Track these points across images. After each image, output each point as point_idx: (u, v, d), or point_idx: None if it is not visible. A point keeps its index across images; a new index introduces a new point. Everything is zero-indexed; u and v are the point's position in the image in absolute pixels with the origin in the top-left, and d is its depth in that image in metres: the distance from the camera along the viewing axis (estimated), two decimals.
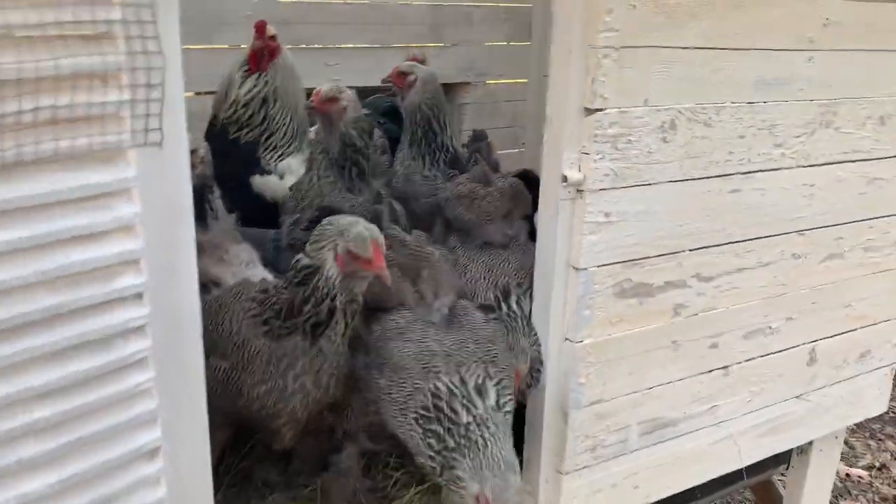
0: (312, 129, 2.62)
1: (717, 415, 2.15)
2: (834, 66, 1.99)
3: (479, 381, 1.64)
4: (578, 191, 1.69)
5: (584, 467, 1.93)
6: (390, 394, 1.68)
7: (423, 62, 2.82)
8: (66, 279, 1.13)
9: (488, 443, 1.56)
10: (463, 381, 1.63)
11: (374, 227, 1.61)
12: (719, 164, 1.87)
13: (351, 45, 3.24)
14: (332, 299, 1.59)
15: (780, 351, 2.22)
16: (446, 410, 1.60)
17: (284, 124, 2.51)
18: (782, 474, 2.76)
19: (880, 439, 4.30)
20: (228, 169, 2.48)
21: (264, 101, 2.49)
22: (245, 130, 2.50)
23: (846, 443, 4.21)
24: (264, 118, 2.48)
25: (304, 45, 3.23)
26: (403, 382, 1.67)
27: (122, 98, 1.11)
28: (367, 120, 2.31)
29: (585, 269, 1.75)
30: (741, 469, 2.53)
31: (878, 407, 2.60)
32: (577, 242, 1.73)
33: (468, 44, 3.55)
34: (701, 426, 2.13)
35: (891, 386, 2.60)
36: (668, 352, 1.97)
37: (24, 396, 1.13)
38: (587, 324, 1.80)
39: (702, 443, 2.15)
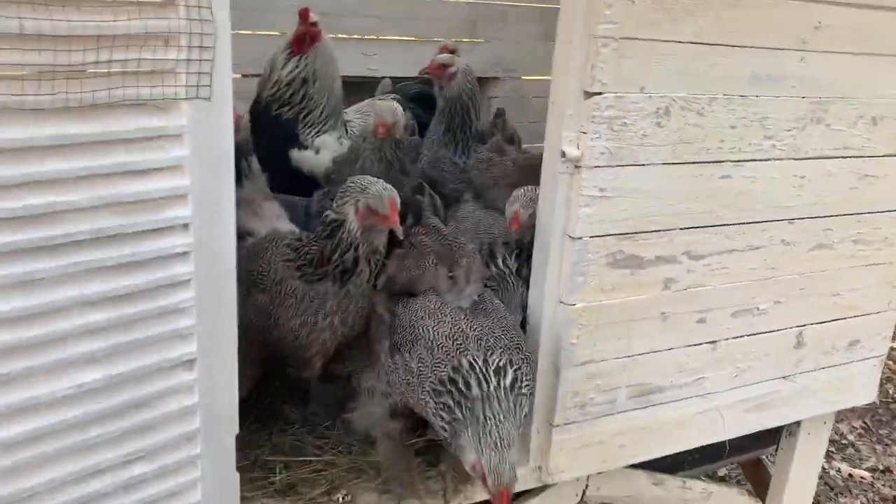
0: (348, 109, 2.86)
1: (704, 386, 2.32)
2: (825, 66, 2.14)
3: (501, 363, 1.77)
4: (576, 166, 1.88)
5: (573, 422, 2.11)
6: (420, 371, 1.80)
7: (454, 53, 3.02)
8: (125, 205, 1.36)
9: (488, 420, 1.67)
10: (486, 361, 1.76)
11: (391, 187, 1.83)
12: (711, 150, 2.04)
13: (388, 37, 3.46)
14: (356, 249, 1.81)
15: (767, 332, 2.37)
16: (461, 384, 1.73)
17: (321, 103, 2.74)
18: (772, 455, 2.90)
19: (887, 444, 4.39)
20: (270, 143, 2.72)
21: (304, 81, 2.72)
22: (286, 108, 2.73)
23: (853, 445, 4.32)
24: (303, 97, 2.71)
25: (344, 36, 3.46)
26: (437, 359, 1.78)
27: (179, 57, 1.34)
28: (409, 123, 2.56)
29: (580, 238, 1.93)
30: (727, 443, 2.70)
31: (867, 396, 2.73)
32: (573, 213, 1.92)
33: (501, 40, 3.75)
34: (687, 396, 2.30)
35: (879, 376, 2.73)
36: (656, 322, 2.14)
37: (83, 302, 1.36)
38: (580, 289, 1.98)
39: (687, 411, 2.31)
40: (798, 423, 2.71)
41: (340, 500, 1.92)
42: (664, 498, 2.57)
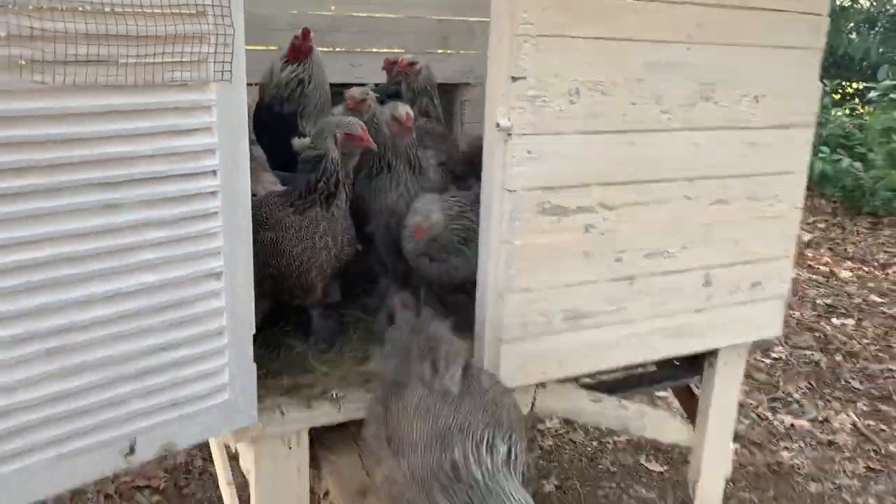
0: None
1: (626, 315, 2.87)
2: (708, 55, 2.72)
3: (490, 442, 1.88)
4: (508, 135, 2.46)
5: (517, 339, 2.67)
6: (412, 471, 1.92)
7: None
8: (175, 155, 1.95)
9: (493, 491, 1.80)
10: (476, 447, 1.87)
11: (356, 119, 2.43)
12: (615, 123, 2.62)
13: (372, 50, 4.06)
14: (336, 174, 2.39)
15: (678, 272, 2.93)
16: (465, 477, 1.84)
17: (315, 100, 3.34)
18: (699, 384, 3.44)
19: (828, 400, 4.93)
20: (275, 134, 3.32)
21: (301, 82, 3.32)
22: (286, 104, 3.33)
23: (797, 402, 4.86)
24: (300, 94, 3.31)
25: (336, 49, 4.06)
26: (424, 460, 1.89)
27: (209, 51, 1.92)
28: None
29: (514, 190, 2.51)
30: (659, 371, 3.25)
31: (773, 330, 3.28)
32: (508, 172, 2.49)
33: (469, 51, 4.35)
34: (613, 321, 2.85)
35: (783, 313, 3.28)
36: (581, 259, 2.71)
37: (146, 223, 1.94)
38: (517, 231, 2.55)
39: (614, 335, 2.86)
40: (715, 354, 3.26)
41: (334, 395, 2.48)
42: (602, 413, 3.12)
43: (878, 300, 6.70)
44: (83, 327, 1.89)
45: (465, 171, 3.27)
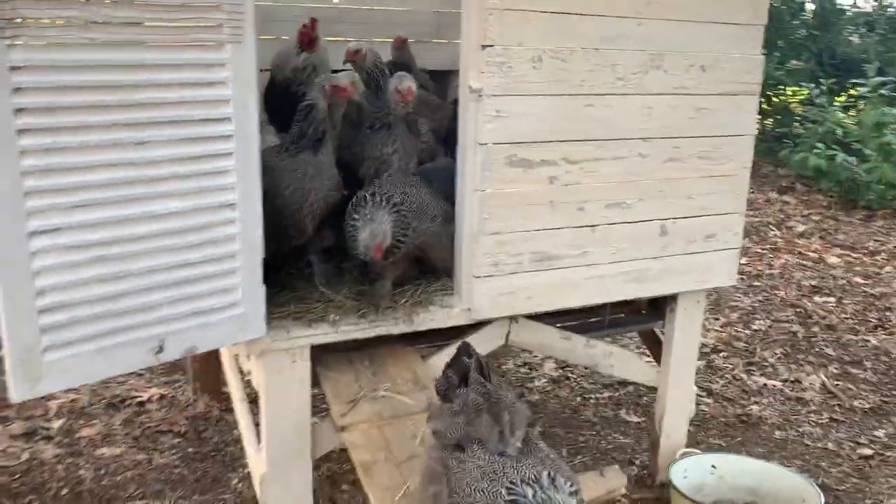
0: None
1: (590, 259, 3.27)
2: (658, 29, 3.12)
3: (552, 477, 2.01)
4: (479, 96, 2.87)
5: (489, 276, 3.07)
6: None
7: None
8: (198, 103, 2.38)
9: None
10: (537, 479, 2.01)
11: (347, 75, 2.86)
12: (574, 87, 3.02)
13: (371, 39, 4.50)
14: (323, 122, 2.81)
15: (636, 222, 3.32)
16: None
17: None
18: (662, 329, 3.82)
19: (801, 365, 5.28)
20: (290, 112, 3.76)
21: (314, 67, 3.77)
22: (301, 86, 3.77)
23: (772, 366, 5.21)
24: (312, 78, 3.76)
25: (338, 38, 4.50)
26: None
27: (224, 18, 2.36)
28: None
29: (485, 144, 2.92)
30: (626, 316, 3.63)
31: (727, 279, 3.65)
32: (480, 127, 2.90)
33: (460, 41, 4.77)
34: (577, 264, 3.25)
35: (737, 264, 3.65)
36: (547, 207, 3.11)
37: (173, 158, 2.37)
38: (487, 180, 2.96)
39: (579, 276, 3.26)
40: (676, 300, 3.64)
41: (332, 318, 2.89)
42: (572, 350, 3.51)
43: (862, 281, 7.02)
44: (122, 241, 2.32)
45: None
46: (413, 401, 2.91)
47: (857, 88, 10.50)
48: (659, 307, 3.76)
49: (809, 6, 13.54)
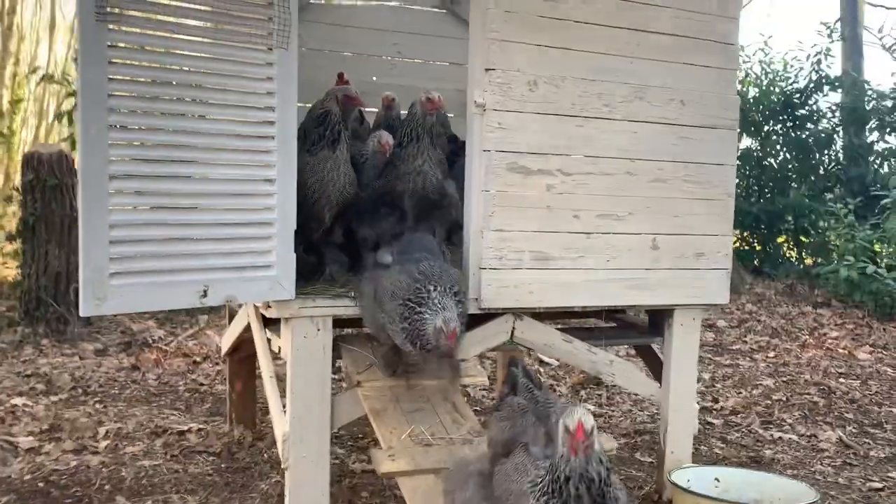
0: None
1: (585, 263, 3.65)
2: (641, 66, 3.67)
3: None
4: (483, 110, 3.41)
5: (493, 268, 3.47)
6: None
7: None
8: (247, 93, 2.97)
9: None
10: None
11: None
12: (566, 109, 3.55)
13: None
14: (338, 125, 3.34)
15: (627, 233, 3.72)
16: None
17: None
18: (660, 345, 4.08)
19: (819, 424, 5.37)
20: None
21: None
22: None
23: (790, 425, 5.32)
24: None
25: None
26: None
27: (274, 26, 2.99)
28: None
29: (489, 151, 3.43)
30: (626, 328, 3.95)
31: (720, 298, 3.96)
32: (484, 136, 3.42)
33: None
34: (574, 267, 3.62)
35: (728, 284, 3.97)
36: (545, 211, 3.55)
37: (218, 133, 2.93)
38: (492, 182, 3.44)
39: (576, 278, 3.63)
40: (672, 316, 3.94)
41: (353, 295, 3.30)
42: (574, 354, 3.80)
43: (891, 372, 7.07)
44: (179, 195, 2.85)
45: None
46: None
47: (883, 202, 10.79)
48: (657, 324, 4.05)
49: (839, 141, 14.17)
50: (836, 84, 13.80)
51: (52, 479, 4.05)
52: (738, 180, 14.15)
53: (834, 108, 14.00)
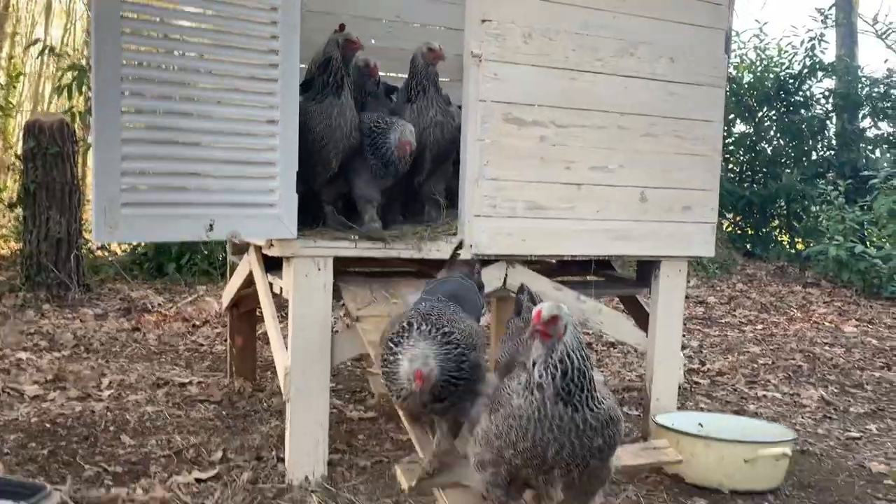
0: None
1: (576, 213, 3.78)
2: (631, 22, 3.80)
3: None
4: (480, 60, 3.54)
5: (488, 216, 3.60)
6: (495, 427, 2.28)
7: None
8: (252, 36, 3.08)
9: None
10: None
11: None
12: (559, 61, 3.67)
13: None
14: (340, 70, 3.46)
15: (618, 185, 3.86)
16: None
17: None
18: (646, 297, 4.22)
19: (802, 385, 5.52)
20: None
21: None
22: None
23: (775, 385, 5.47)
24: None
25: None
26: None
27: (277, 18, 3.11)
28: None
29: (484, 101, 3.55)
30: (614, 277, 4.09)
31: (705, 251, 4.11)
32: (480, 87, 3.55)
33: None
34: (565, 217, 3.76)
35: (714, 237, 4.11)
36: (538, 162, 3.68)
37: (226, 74, 3.05)
38: (487, 131, 3.57)
39: (567, 227, 3.77)
40: (658, 266, 4.08)
41: (352, 237, 3.43)
42: (563, 301, 3.92)
43: (875, 342, 7.23)
44: (187, 130, 2.98)
45: None
46: None
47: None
48: (644, 276, 4.19)
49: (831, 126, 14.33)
50: (830, 70, 13.96)
51: (59, 421, 4.18)
52: (731, 165, 14.43)
53: (827, 93, 14.17)
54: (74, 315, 6.89)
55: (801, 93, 13.97)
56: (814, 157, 14.19)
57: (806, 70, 13.83)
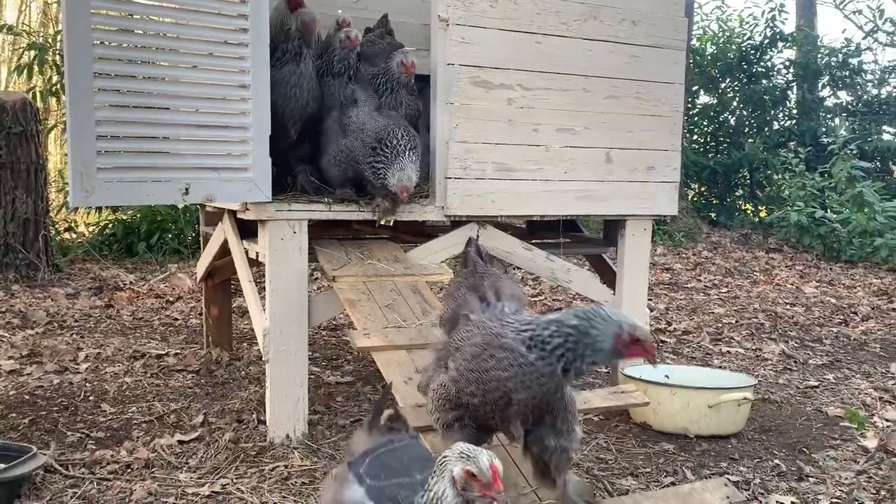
0: None
1: (544, 175, 3.89)
2: None
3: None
4: (447, 24, 3.61)
5: (458, 178, 3.69)
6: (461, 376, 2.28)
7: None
8: (232, 17, 3.12)
9: None
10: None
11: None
12: (525, 25, 3.76)
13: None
14: (298, 40, 3.50)
15: (583, 147, 3.97)
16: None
17: None
18: (612, 256, 4.36)
19: (764, 341, 5.71)
20: None
21: None
22: None
23: (738, 342, 5.65)
24: None
25: None
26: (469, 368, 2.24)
27: None
28: None
29: (452, 64, 3.63)
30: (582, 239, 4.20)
31: (668, 209, 4.24)
32: (448, 51, 3.62)
33: None
34: (533, 178, 3.86)
35: (677, 196, 4.25)
36: (506, 124, 3.77)
37: (200, 40, 3.09)
38: (455, 95, 3.64)
39: (535, 188, 3.87)
40: (624, 226, 4.21)
41: (326, 201, 3.50)
42: (533, 261, 4.05)
43: (834, 301, 7.48)
44: (160, 95, 3.01)
45: None
46: (392, 268, 3.47)
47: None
48: (610, 236, 4.32)
49: (792, 96, 14.61)
50: (790, 40, 14.21)
51: (38, 393, 4.21)
52: (695, 136, 14.68)
53: (787, 64, 14.43)
54: (45, 294, 6.86)
55: (762, 63, 14.22)
56: (775, 126, 14.50)
57: (767, 41, 14.08)
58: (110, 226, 9.40)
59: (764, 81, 14.25)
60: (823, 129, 13.76)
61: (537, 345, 2.16)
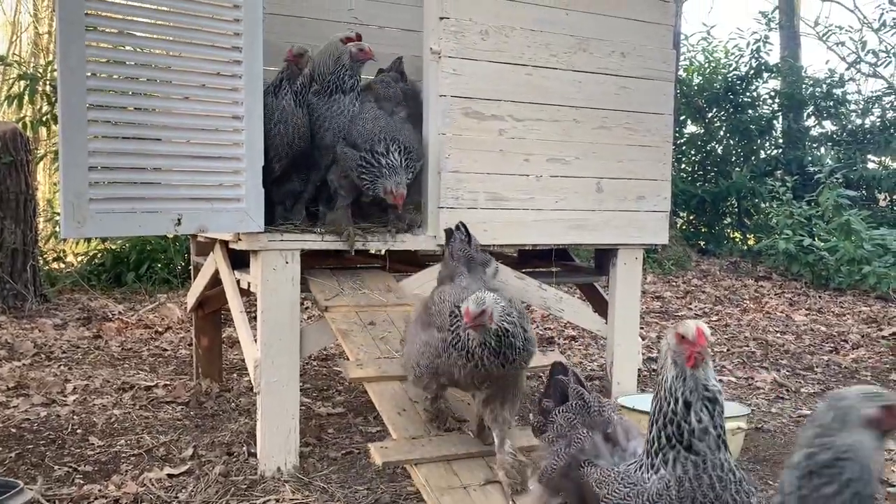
0: None
1: (535, 204, 3.91)
2: (583, 19, 3.94)
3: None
4: (439, 57, 3.64)
5: (451, 208, 3.71)
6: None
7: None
8: (216, 33, 3.14)
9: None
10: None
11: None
12: (515, 57, 3.80)
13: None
14: (282, 75, 3.52)
15: (574, 177, 4.00)
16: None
17: None
18: (604, 285, 4.36)
19: (756, 369, 5.72)
20: None
21: None
22: None
23: (729, 370, 5.66)
24: None
25: None
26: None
27: (240, 16, 3.18)
28: None
29: (445, 96, 3.66)
30: (572, 267, 4.21)
31: (659, 238, 4.26)
32: (440, 82, 3.65)
33: None
34: (525, 207, 3.88)
35: (667, 226, 4.27)
36: (497, 155, 3.80)
37: (193, 71, 3.11)
38: (448, 125, 3.67)
39: (527, 218, 3.89)
40: (616, 255, 4.23)
41: (318, 231, 3.50)
42: (526, 290, 4.05)
43: (824, 329, 7.50)
44: (153, 127, 3.02)
45: None
46: (384, 298, 3.47)
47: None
48: (602, 265, 4.34)
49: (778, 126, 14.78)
50: (775, 71, 14.41)
51: (24, 426, 4.15)
52: (683, 164, 14.80)
53: (773, 94, 14.62)
54: (33, 325, 6.79)
55: (748, 93, 14.40)
56: (762, 155, 14.65)
57: (752, 71, 14.27)
58: (99, 255, 9.35)
59: (750, 111, 14.41)
60: (809, 158, 13.89)
61: None
